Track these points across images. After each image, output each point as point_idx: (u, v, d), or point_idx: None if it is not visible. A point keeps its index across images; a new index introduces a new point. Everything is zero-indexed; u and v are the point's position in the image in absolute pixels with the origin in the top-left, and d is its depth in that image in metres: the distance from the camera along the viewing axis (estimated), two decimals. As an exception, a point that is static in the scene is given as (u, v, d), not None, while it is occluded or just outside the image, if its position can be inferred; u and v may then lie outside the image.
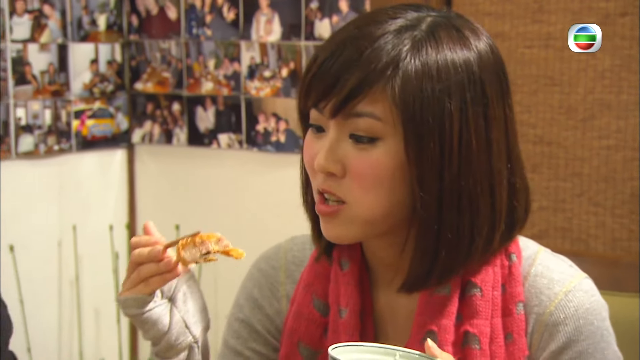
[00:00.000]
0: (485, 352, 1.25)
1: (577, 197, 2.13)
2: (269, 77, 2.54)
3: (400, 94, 1.18)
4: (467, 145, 1.21)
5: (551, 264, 1.30)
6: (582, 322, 1.26)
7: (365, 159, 1.21)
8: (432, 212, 1.21)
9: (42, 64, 2.55)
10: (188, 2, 2.64)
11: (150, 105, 2.74)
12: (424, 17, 1.23)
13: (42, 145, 2.57)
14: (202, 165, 2.70)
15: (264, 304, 1.42)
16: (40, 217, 2.56)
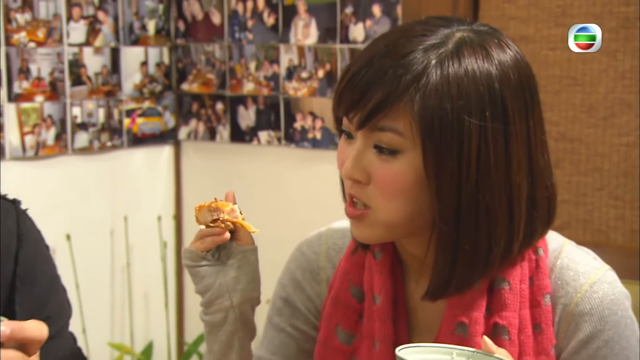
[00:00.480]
0: (514, 342, 1.24)
1: (597, 191, 2.12)
2: (306, 78, 2.53)
3: (420, 111, 1.17)
4: (485, 162, 1.19)
5: (576, 256, 1.28)
6: (607, 313, 1.25)
7: (387, 170, 1.20)
8: (450, 224, 1.20)
9: (96, 66, 2.57)
10: (231, 8, 2.64)
11: (195, 105, 2.75)
12: (452, 34, 1.22)
13: (96, 141, 2.58)
14: (243, 161, 2.71)
15: (306, 285, 1.42)
16: (94, 209, 2.58)
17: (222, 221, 1.25)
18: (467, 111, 1.18)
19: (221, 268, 1.28)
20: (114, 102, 2.61)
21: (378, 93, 1.18)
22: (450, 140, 1.17)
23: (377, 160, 1.20)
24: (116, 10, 2.59)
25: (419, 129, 1.17)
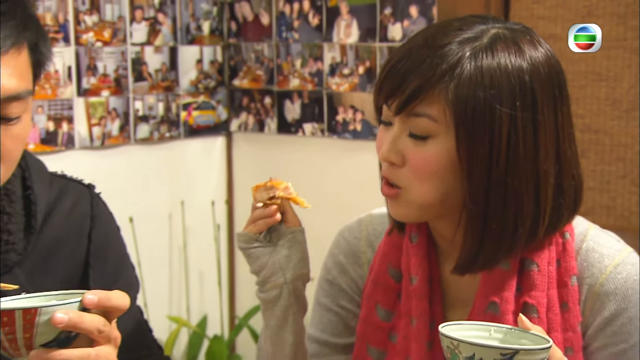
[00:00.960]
0: (542, 320, 1.23)
1: (620, 179, 2.10)
2: (348, 74, 2.53)
3: (454, 98, 1.16)
4: (514, 148, 1.18)
5: (601, 239, 1.27)
6: (631, 292, 1.23)
7: (421, 153, 1.19)
8: (479, 205, 1.19)
9: (156, 63, 2.58)
10: (279, 10, 2.64)
11: (245, 99, 2.75)
12: (487, 30, 1.21)
13: (156, 132, 2.60)
14: (289, 151, 2.71)
15: (349, 268, 1.41)
16: (153, 194, 2.59)
17: (278, 198, 1.25)
18: (498, 100, 1.17)
19: (273, 249, 1.28)
20: (172, 96, 2.62)
21: (415, 81, 1.17)
22: (482, 126, 1.16)
23: (412, 144, 1.19)
24: (174, 12, 2.60)
25: (452, 116, 1.16)
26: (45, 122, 2.28)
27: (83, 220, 1.30)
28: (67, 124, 2.35)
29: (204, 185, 2.74)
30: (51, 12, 2.28)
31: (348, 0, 2.49)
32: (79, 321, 1.00)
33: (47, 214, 1.26)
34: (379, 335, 1.32)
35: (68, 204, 1.29)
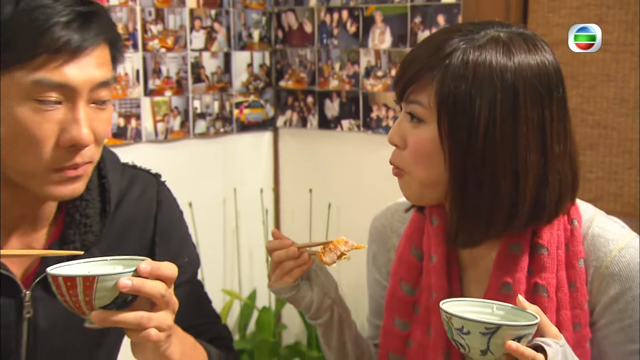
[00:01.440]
0: (552, 299, 1.22)
1: (627, 169, 2.07)
2: (381, 76, 2.52)
3: (439, 87, 1.15)
4: (492, 137, 1.17)
5: (606, 225, 1.26)
6: (634, 273, 1.21)
7: (416, 137, 1.19)
8: (457, 188, 1.18)
9: (212, 67, 2.60)
10: (320, 19, 2.64)
11: (290, 98, 2.76)
12: (488, 33, 1.19)
13: (212, 128, 2.61)
14: (328, 144, 2.70)
15: (379, 256, 1.42)
16: (210, 182, 2.61)
17: (345, 253, 1.24)
18: (479, 93, 1.15)
19: (307, 282, 1.29)
20: (226, 96, 2.63)
21: (411, 70, 1.18)
22: (462, 115, 1.15)
23: (411, 128, 1.19)
24: (228, 22, 2.62)
25: (436, 103, 1.16)
26: (117, 119, 2.31)
27: (150, 205, 1.30)
28: (135, 121, 2.37)
29: (254, 174, 2.75)
30: (122, 22, 2.30)
31: (382, 10, 2.48)
32: (142, 285, 1.01)
33: (119, 200, 1.26)
34: (404, 308, 1.32)
35: (137, 190, 1.30)
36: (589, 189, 2.11)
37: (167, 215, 1.32)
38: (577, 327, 1.23)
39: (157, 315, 1.06)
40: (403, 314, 1.33)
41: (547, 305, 1.21)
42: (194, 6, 2.51)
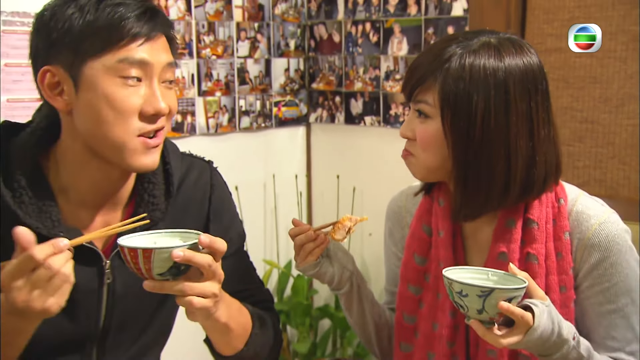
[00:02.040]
0: (542, 266, 1.23)
1: (610, 159, 2.07)
2: (399, 79, 2.51)
3: (441, 88, 1.17)
4: (487, 126, 1.17)
5: (588, 203, 1.26)
6: (612, 244, 1.23)
7: (423, 130, 1.20)
8: (460, 171, 1.20)
9: (255, 71, 2.60)
10: (347, 31, 2.64)
11: (321, 98, 2.76)
12: (481, 38, 1.20)
13: (254, 123, 2.62)
14: (353, 137, 2.70)
15: (394, 232, 1.44)
16: (252, 169, 2.62)
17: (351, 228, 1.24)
18: (475, 90, 1.16)
19: (327, 259, 1.30)
20: (266, 96, 2.64)
21: (418, 74, 1.20)
22: (461, 110, 1.17)
23: (419, 122, 1.21)
24: (269, 33, 2.62)
25: (439, 101, 1.17)
26: (175, 116, 2.32)
27: (205, 188, 1.32)
28: (191, 117, 2.40)
29: (289, 162, 2.75)
30: (180, 33, 2.32)
31: (400, 22, 2.48)
32: (192, 257, 1.03)
33: (180, 183, 1.28)
34: (416, 276, 1.34)
35: (194, 175, 1.31)
36: (577, 175, 2.10)
37: (219, 196, 1.34)
38: (562, 290, 1.24)
39: (200, 285, 1.07)
40: (416, 281, 1.34)
41: (537, 271, 1.22)
42: (240, 20, 2.52)
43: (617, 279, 1.22)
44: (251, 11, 2.54)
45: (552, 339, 1.11)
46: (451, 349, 1.28)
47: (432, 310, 1.31)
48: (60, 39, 1.11)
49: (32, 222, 1.12)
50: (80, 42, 1.10)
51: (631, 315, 1.24)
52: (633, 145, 2.03)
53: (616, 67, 2.03)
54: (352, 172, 2.66)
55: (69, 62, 1.11)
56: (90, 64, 1.10)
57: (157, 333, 1.31)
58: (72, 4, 1.11)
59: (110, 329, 1.22)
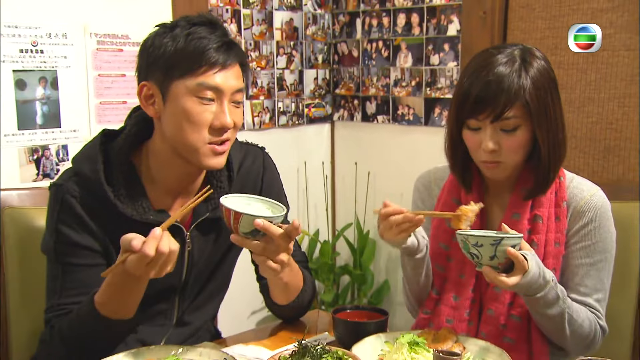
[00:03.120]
0: (544, 225, 1.24)
1: (573, 149, 2.07)
2: (405, 86, 2.53)
3: (530, 102, 1.16)
4: (555, 117, 1.21)
5: (582, 181, 1.29)
6: (599, 212, 1.25)
7: (513, 140, 1.18)
8: (545, 155, 1.21)
9: (291, 80, 2.62)
10: (363, 47, 2.65)
11: (342, 101, 2.77)
12: (513, 51, 1.20)
13: (290, 121, 2.64)
14: (368, 132, 2.70)
15: (425, 200, 1.39)
16: (288, 157, 2.61)
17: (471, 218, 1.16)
18: (549, 93, 1.18)
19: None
20: (299, 99, 2.66)
21: (501, 101, 1.15)
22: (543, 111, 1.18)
23: (505, 136, 1.18)
24: (302, 50, 2.64)
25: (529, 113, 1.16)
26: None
27: (258, 169, 1.35)
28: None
29: (317, 152, 2.77)
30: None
31: (406, 40, 2.49)
32: (268, 227, 1.07)
33: (239, 167, 1.31)
34: (446, 236, 1.32)
35: (250, 159, 1.35)
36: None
37: (270, 176, 1.37)
38: (557, 245, 1.25)
39: (271, 251, 1.09)
40: (445, 239, 1.32)
41: (541, 228, 1.24)
42: (279, 39, 2.53)
43: (597, 239, 1.24)
44: (288, 32, 2.55)
45: (539, 281, 1.12)
46: (473, 294, 1.28)
47: (458, 264, 1.30)
48: (155, 61, 1.15)
49: (128, 211, 1.17)
50: (170, 65, 1.14)
51: (602, 270, 1.25)
52: (591, 138, 2.05)
53: (578, 76, 2.05)
54: (367, 159, 2.67)
55: (160, 80, 1.15)
56: (176, 83, 1.14)
57: (219, 285, 1.37)
58: (169, 34, 1.15)
59: (188, 282, 1.29)
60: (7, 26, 1.80)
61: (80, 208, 1.16)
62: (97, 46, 1.99)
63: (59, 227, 1.17)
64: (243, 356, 1.17)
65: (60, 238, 1.17)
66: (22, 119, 1.85)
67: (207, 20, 1.18)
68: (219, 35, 1.16)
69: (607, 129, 2.01)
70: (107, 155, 1.20)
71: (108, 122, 2.03)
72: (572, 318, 1.20)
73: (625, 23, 1.91)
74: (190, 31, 1.14)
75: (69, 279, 1.16)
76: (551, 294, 1.16)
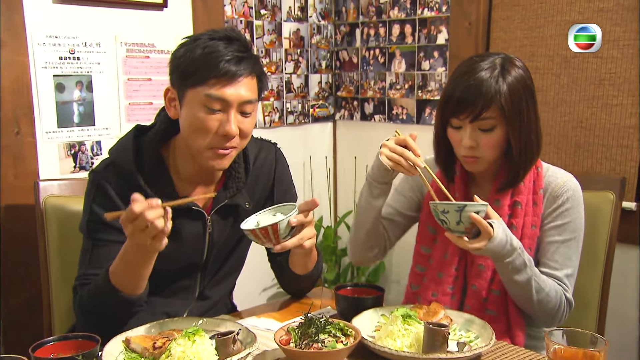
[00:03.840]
0: (523, 210, 1.24)
1: (548, 145, 2.07)
2: (399, 88, 2.53)
3: (505, 105, 1.15)
4: (529, 121, 1.20)
5: (557, 170, 1.29)
6: (571, 195, 1.25)
7: (489, 138, 1.18)
8: (517, 154, 1.21)
9: (298, 83, 2.62)
10: (362, 54, 2.64)
11: (343, 102, 2.76)
12: (495, 59, 1.19)
13: (297, 120, 2.63)
14: (366, 129, 2.69)
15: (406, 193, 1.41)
16: (296, 152, 2.62)
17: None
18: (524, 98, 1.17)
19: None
20: (305, 101, 2.66)
21: (480, 103, 1.15)
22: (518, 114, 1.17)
23: (482, 134, 1.18)
24: (308, 56, 2.63)
25: (503, 115, 1.16)
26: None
27: (271, 163, 1.36)
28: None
29: (321, 147, 2.76)
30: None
31: (400, 48, 2.49)
32: (301, 219, 1.10)
33: (254, 161, 1.32)
34: (434, 221, 1.28)
35: (264, 154, 1.35)
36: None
37: (281, 168, 1.37)
38: (533, 228, 1.25)
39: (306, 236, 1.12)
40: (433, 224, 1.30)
41: (520, 212, 1.24)
42: (287, 47, 2.51)
43: (568, 219, 1.25)
44: (295, 41, 2.54)
45: (506, 248, 1.13)
46: (456, 271, 1.29)
47: (443, 245, 1.30)
48: (176, 69, 1.15)
49: (157, 197, 1.13)
50: (186, 74, 1.13)
51: (571, 248, 1.25)
52: (564, 135, 2.05)
53: (552, 80, 2.04)
54: (366, 154, 2.66)
55: (178, 86, 1.15)
56: (189, 91, 1.13)
57: (235, 264, 1.38)
58: (190, 45, 1.14)
59: (209, 260, 1.29)
60: (48, 36, 1.83)
61: (113, 192, 1.17)
62: (126, 54, 2.00)
63: (93, 207, 1.18)
64: (256, 327, 1.18)
65: (93, 217, 1.18)
66: (61, 118, 1.87)
67: (226, 35, 1.15)
68: (234, 49, 1.13)
69: (577, 127, 2.00)
70: (139, 147, 1.21)
71: (136, 120, 2.04)
72: (539, 287, 1.19)
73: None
74: (208, 44, 1.12)
75: (96, 252, 1.17)
76: (518, 261, 1.16)
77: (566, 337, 0.88)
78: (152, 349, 1.00)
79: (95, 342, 0.97)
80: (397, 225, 1.43)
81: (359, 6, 2.62)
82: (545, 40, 2.01)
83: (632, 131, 1.88)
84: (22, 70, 1.74)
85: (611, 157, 1.91)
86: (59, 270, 1.45)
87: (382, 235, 1.38)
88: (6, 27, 1.69)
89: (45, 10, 1.78)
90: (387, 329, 1.07)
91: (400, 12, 2.47)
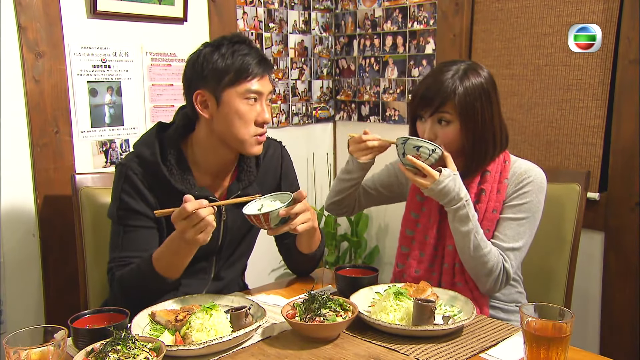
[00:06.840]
0: (487, 196, 1.24)
1: (522, 142, 2.07)
2: (392, 93, 2.53)
3: (458, 104, 1.17)
4: (483, 121, 1.20)
5: (523, 162, 1.29)
6: (532, 181, 1.25)
7: (446, 131, 1.20)
8: (470, 147, 1.22)
9: (302, 88, 2.62)
10: (359, 63, 2.64)
11: (342, 105, 2.76)
12: (460, 66, 1.21)
13: (301, 121, 2.63)
14: (362, 129, 2.68)
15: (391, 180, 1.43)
16: (300, 149, 2.62)
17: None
18: (478, 100, 1.18)
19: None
20: (308, 104, 2.66)
21: (438, 99, 1.18)
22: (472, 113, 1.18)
23: (440, 127, 1.20)
24: (311, 64, 2.63)
25: (458, 112, 1.17)
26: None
27: (278, 159, 1.36)
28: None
29: (323, 145, 2.76)
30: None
31: (393, 57, 2.49)
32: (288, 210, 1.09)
33: (263, 156, 1.32)
34: (416, 207, 1.33)
35: (272, 151, 1.35)
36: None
37: (286, 164, 1.38)
38: (494, 212, 1.25)
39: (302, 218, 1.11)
40: (415, 209, 1.33)
41: (484, 199, 1.24)
42: (293, 56, 2.50)
43: (525, 200, 1.24)
44: (300, 51, 2.53)
45: (452, 195, 1.15)
46: (435, 251, 1.30)
47: (424, 228, 1.31)
48: (209, 74, 1.16)
49: (179, 186, 1.18)
50: (222, 76, 1.15)
51: (523, 226, 1.23)
52: (537, 134, 2.04)
53: (527, 85, 2.04)
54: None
55: (213, 88, 1.16)
56: (227, 91, 1.15)
57: (247, 248, 1.38)
58: (217, 51, 1.16)
59: (224, 245, 1.30)
60: (83, 47, 1.85)
61: (139, 182, 1.18)
62: (151, 62, 2.02)
63: (121, 196, 1.18)
64: (265, 303, 1.19)
65: (122, 205, 1.19)
66: (94, 119, 1.88)
67: (242, 39, 1.19)
68: (256, 52, 1.18)
69: (548, 127, 2.01)
70: (161, 142, 1.21)
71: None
72: (478, 244, 1.18)
73: (562, 45, 1.91)
74: (234, 49, 1.16)
75: (127, 237, 1.18)
76: (462, 211, 1.17)
77: (538, 311, 0.89)
78: (175, 322, 1.02)
79: (125, 315, 1.00)
80: (371, 197, 1.46)
81: (356, 20, 2.63)
82: (520, 50, 2.01)
83: (596, 130, 1.88)
84: (61, 77, 1.77)
85: (578, 154, 1.92)
86: (93, 252, 1.48)
87: (354, 199, 1.41)
88: (47, 40, 1.73)
89: (81, 25, 1.82)
90: (381, 305, 1.08)
91: (393, 25, 2.47)
